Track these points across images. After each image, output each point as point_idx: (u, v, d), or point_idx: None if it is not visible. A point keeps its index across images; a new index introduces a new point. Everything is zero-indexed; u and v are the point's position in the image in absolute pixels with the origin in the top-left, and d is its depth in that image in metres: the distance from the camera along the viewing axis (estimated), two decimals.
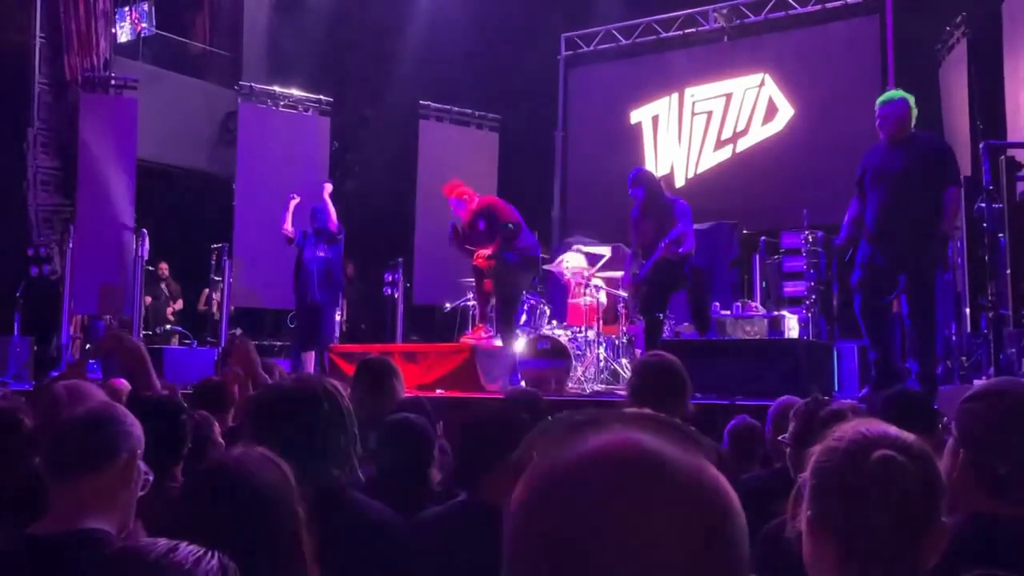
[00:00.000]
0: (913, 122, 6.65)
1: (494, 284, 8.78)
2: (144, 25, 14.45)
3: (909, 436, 1.58)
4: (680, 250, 7.98)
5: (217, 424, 3.66)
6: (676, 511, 0.76)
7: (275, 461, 1.78)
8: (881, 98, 6.78)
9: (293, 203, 10.13)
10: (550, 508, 0.78)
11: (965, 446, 1.97)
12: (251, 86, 13.21)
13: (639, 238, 8.26)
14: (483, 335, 8.84)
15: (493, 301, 9.33)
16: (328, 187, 10.17)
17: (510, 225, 8.75)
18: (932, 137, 6.69)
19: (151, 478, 2.25)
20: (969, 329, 8.21)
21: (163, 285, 13.14)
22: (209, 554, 1.18)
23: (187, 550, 1.17)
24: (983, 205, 7.61)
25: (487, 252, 8.68)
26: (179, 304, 13.24)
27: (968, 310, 8.09)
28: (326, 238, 9.82)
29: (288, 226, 10.08)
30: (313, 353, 9.77)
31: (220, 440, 3.62)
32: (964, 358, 8.38)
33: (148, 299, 12.80)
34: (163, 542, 1.18)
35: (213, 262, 11.75)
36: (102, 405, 2.36)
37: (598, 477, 0.77)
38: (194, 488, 1.74)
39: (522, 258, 8.78)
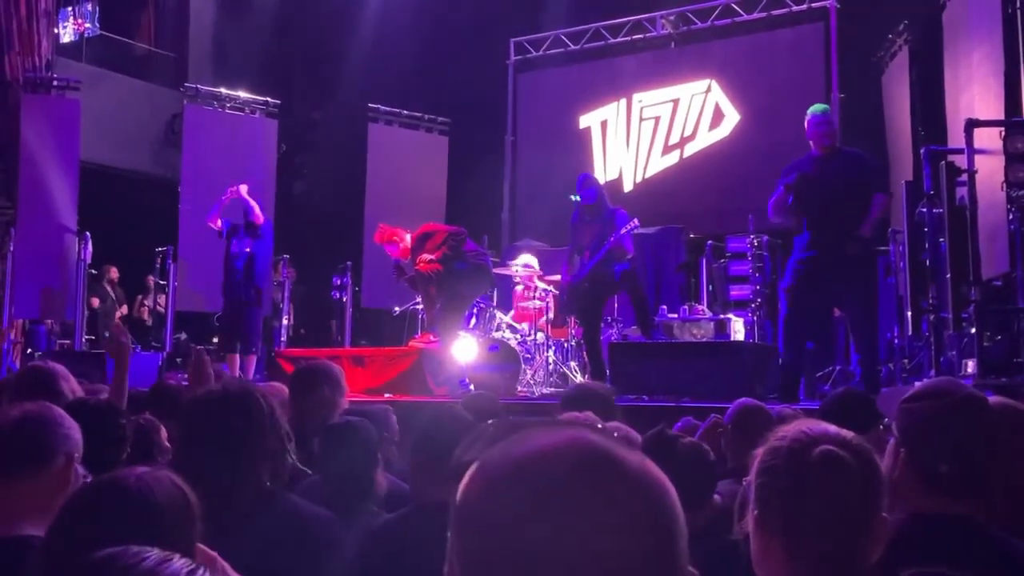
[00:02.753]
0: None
1: (441, 289, 8.72)
2: (87, 25, 14.22)
3: (849, 433, 1.60)
4: (627, 247, 8.04)
5: (164, 429, 3.59)
6: (630, 500, 0.79)
7: (180, 484, 1.73)
8: (817, 108, 6.88)
9: (228, 198, 9.90)
10: (503, 501, 0.79)
11: (905, 445, 1.98)
12: (197, 88, 13.04)
13: (578, 241, 8.30)
14: (431, 339, 8.80)
15: (420, 303, 9.32)
16: (243, 187, 9.94)
17: (453, 234, 8.73)
18: (856, 151, 6.88)
19: (89, 480, 2.20)
20: (911, 332, 8.34)
21: (109, 288, 12.94)
22: (201, 569, 1.15)
23: (180, 563, 1.14)
24: (924, 210, 7.74)
25: (429, 257, 8.63)
26: (124, 309, 13.05)
27: (910, 313, 8.22)
28: (251, 232, 9.72)
29: (217, 220, 9.88)
30: (237, 356, 9.57)
31: (167, 444, 3.55)
32: (906, 360, 8.52)
33: (96, 301, 12.60)
34: (156, 552, 1.15)
35: (158, 265, 11.58)
36: (37, 407, 2.30)
37: (554, 469, 0.79)
38: (81, 502, 1.67)
39: (471, 264, 8.75)
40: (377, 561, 2.58)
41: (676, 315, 9.67)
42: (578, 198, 8.25)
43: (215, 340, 10.97)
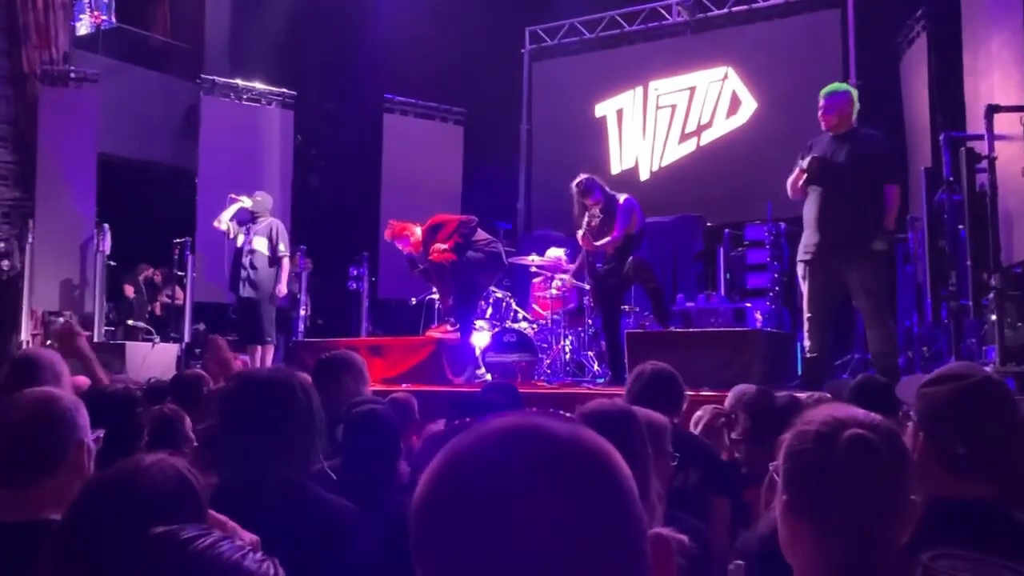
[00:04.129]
0: (855, 115, 6.76)
1: (455, 278, 8.75)
2: (104, 17, 14.26)
3: (877, 417, 1.61)
4: (598, 244, 8.08)
5: (189, 419, 3.62)
6: (560, 465, 0.83)
7: (185, 472, 1.74)
8: (825, 89, 6.88)
9: (235, 206, 9.88)
10: (451, 476, 0.84)
11: (925, 429, 2.00)
12: (213, 79, 13.10)
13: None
14: (448, 329, 8.84)
15: (436, 293, 9.36)
16: (247, 200, 9.87)
17: (464, 223, 8.75)
18: (874, 134, 6.80)
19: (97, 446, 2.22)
20: (930, 319, 8.32)
21: (143, 282, 13.03)
22: (250, 550, 1.19)
23: (231, 546, 1.18)
24: (943, 197, 7.71)
25: (442, 247, 8.65)
26: (157, 308, 13.17)
27: (929, 300, 8.19)
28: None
29: (223, 223, 9.83)
30: (259, 348, 9.60)
31: (191, 435, 3.58)
32: (925, 348, 8.50)
33: (130, 289, 12.70)
34: (215, 534, 1.19)
35: (176, 256, 11.64)
36: (39, 403, 2.26)
37: (483, 450, 0.84)
38: (91, 496, 1.69)
39: (484, 252, 8.77)
40: (402, 550, 2.59)
41: (694, 304, 9.68)
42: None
43: (232, 330, 11.03)
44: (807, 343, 6.68)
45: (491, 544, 0.79)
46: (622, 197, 8.24)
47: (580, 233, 8.10)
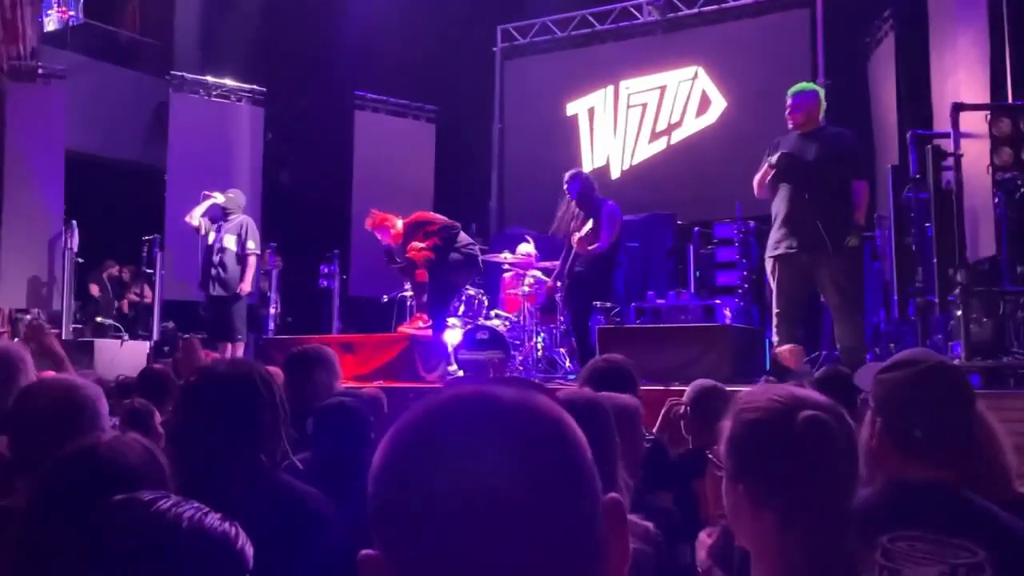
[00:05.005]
0: (822, 114, 6.86)
1: (431, 277, 8.77)
2: (71, 13, 14.17)
3: (818, 395, 1.64)
4: (590, 247, 8.42)
5: (158, 413, 3.62)
6: (506, 422, 0.83)
7: (147, 446, 1.77)
8: (793, 88, 6.96)
9: (207, 202, 9.91)
10: (401, 448, 0.85)
11: (881, 414, 2.04)
12: (182, 76, 13.03)
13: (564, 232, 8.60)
14: (421, 325, 8.85)
15: (408, 291, 9.38)
16: (219, 196, 9.92)
17: (448, 227, 8.81)
18: (842, 131, 6.90)
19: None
20: (897, 316, 8.41)
21: (107, 281, 12.94)
22: (210, 511, 1.22)
23: (192, 507, 1.21)
24: (910, 194, 7.81)
25: (421, 245, 8.69)
26: (124, 306, 13.08)
27: (896, 297, 8.28)
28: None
29: (195, 218, 9.87)
30: (229, 345, 9.61)
31: (160, 429, 3.58)
32: (892, 344, 8.59)
33: (95, 288, 12.62)
34: (175, 498, 1.22)
35: (144, 253, 11.57)
36: (65, 390, 2.28)
37: (432, 418, 0.85)
38: (56, 470, 1.70)
39: (464, 255, 8.84)
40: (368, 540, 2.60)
41: (664, 300, 9.74)
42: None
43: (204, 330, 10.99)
44: (775, 338, 6.75)
45: (443, 503, 0.80)
46: (608, 202, 8.52)
47: (577, 236, 8.28)
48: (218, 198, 9.84)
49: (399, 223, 8.97)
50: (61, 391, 2.29)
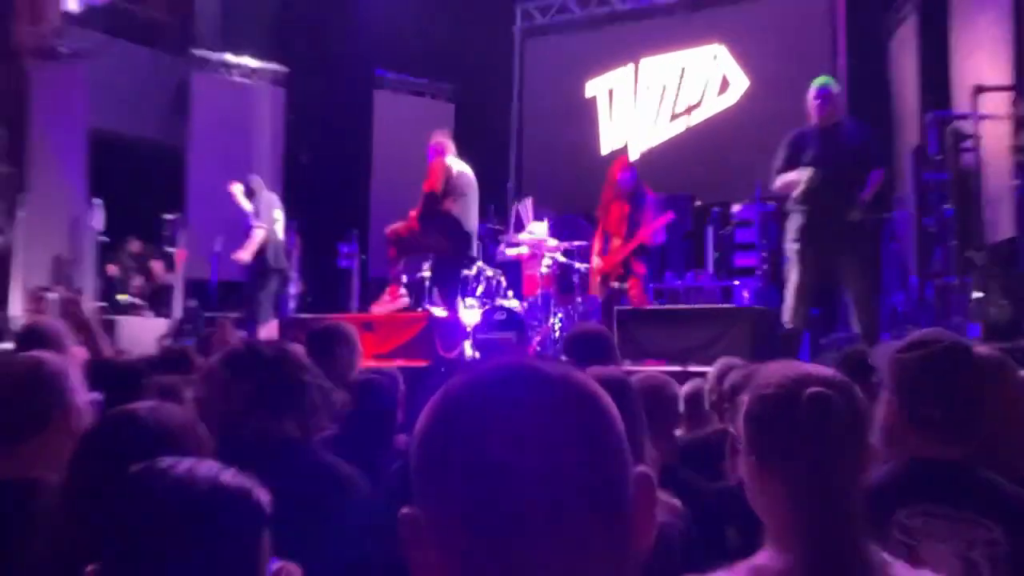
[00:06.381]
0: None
1: (420, 248, 9.00)
2: None
3: (828, 371, 1.70)
4: (659, 239, 8.62)
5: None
6: (550, 394, 0.89)
7: (185, 414, 1.82)
8: (817, 81, 6.93)
9: (239, 194, 10.11)
10: (449, 410, 0.90)
11: (898, 394, 2.09)
12: (204, 55, 13.09)
13: (613, 220, 8.68)
14: (388, 298, 9.00)
15: (428, 270, 9.40)
16: (238, 187, 10.14)
17: (427, 196, 8.80)
18: (862, 125, 6.92)
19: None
20: (916, 297, 8.42)
21: (130, 259, 13.04)
22: (225, 468, 1.28)
23: (207, 465, 1.27)
24: (930, 176, 7.81)
25: (412, 212, 8.83)
26: (141, 280, 13.17)
27: (915, 279, 8.29)
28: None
29: (246, 205, 10.10)
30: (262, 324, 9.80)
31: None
32: (910, 327, 8.60)
33: (112, 268, 12.72)
34: (190, 460, 1.28)
35: (167, 233, 11.67)
36: (28, 366, 2.31)
37: (485, 378, 0.91)
38: (97, 436, 1.76)
39: (447, 227, 8.78)
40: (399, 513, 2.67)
41: (682, 281, 9.78)
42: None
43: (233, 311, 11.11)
44: (786, 316, 6.80)
45: (487, 462, 0.85)
46: (649, 194, 8.78)
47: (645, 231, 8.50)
48: (244, 204, 10.00)
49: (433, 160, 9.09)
50: (22, 367, 2.32)
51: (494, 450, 0.86)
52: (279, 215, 10.44)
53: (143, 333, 10.12)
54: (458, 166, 8.99)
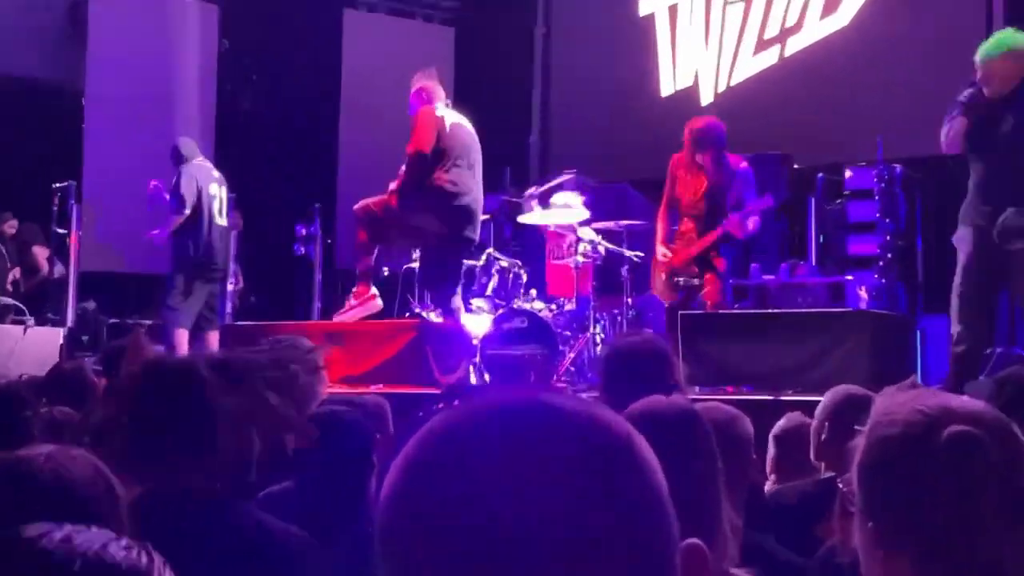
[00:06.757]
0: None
1: (403, 234, 9.02)
2: None
3: (977, 403, 1.69)
4: (750, 228, 8.60)
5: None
6: (567, 444, 0.90)
7: (95, 463, 1.84)
8: (983, 50, 6.96)
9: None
10: (424, 468, 0.92)
11: None
12: None
13: (684, 198, 8.73)
14: (354, 302, 9.01)
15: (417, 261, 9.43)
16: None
17: (412, 158, 8.79)
18: None
19: None
20: None
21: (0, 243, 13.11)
22: (115, 538, 1.28)
23: (89, 534, 1.27)
24: None
25: (393, 184, 8.82)
26: (17, 272, 13.20)
27: None
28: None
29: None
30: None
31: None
32: None
33: None
34: (68, 527, 1.28)
35: (55, 208, 11.69)
36: None
37: (475, 426, 0.92)
38: None
39: (437, 202, 8.77)
40: None
41: (773, 276, 9.75)
42: None
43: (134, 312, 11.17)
44: (955, 329, 6.82)
45: (474, 538, 0.86)
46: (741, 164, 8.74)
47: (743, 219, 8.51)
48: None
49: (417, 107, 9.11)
50: None
51: (482, 521, 0.86)
52: (217, 191, 10.51)
53: (22, 347, 10.15)
54: (452, 118, 9.00)
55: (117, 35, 12.80)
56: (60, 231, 11.87)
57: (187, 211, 10.18)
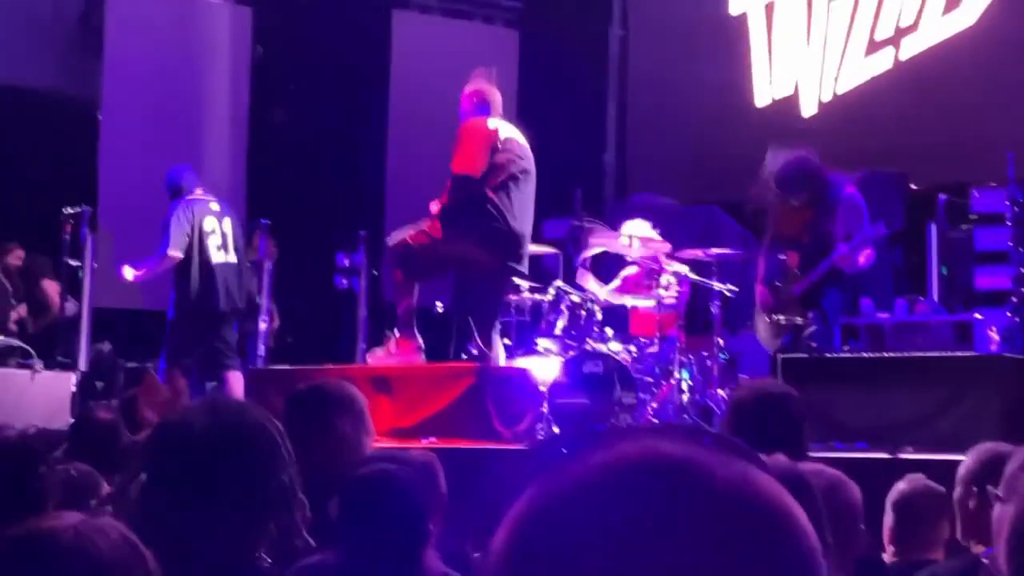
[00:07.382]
0: None
1: (448, 261, 9.03)
2: None
3: None
4: (861, 262, 8.70)
5: (106, 483, 3.72)
6: (706, 514, 0.87)
7: (126, 536, 1.82)
8: None
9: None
10: (546, 525, 0.90)
11: None
12: None
13: (785, 229, 8.75)
14: (392, 350, 9.00)
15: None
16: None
17: (458, 179, 8.81)
18: None
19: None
20: None
21: (4, 277, 13.24)
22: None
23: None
24: None
25: (435, 206, 8.85)
26: (23, 310, 13.30)
27: None
28: None
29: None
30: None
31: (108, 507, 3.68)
32: None
33: None
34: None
35: (67, 237, 11.79)
36: None
37: (602, 486, 0.90)
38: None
39: (482, 226, 8.77)
40: None
41: (888, 314, 9.66)
42: None
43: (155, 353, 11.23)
44: None
45: None
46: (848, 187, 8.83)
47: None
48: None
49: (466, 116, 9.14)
50: None
51: None
52: (216, 225, 10.58)
53: (30, 395, 10.23)
54: (506, 131, 8.99)
55: (137, 42, 12.92)
56: (72, 263, 11.95)
57: (175, 254, 10.36)
